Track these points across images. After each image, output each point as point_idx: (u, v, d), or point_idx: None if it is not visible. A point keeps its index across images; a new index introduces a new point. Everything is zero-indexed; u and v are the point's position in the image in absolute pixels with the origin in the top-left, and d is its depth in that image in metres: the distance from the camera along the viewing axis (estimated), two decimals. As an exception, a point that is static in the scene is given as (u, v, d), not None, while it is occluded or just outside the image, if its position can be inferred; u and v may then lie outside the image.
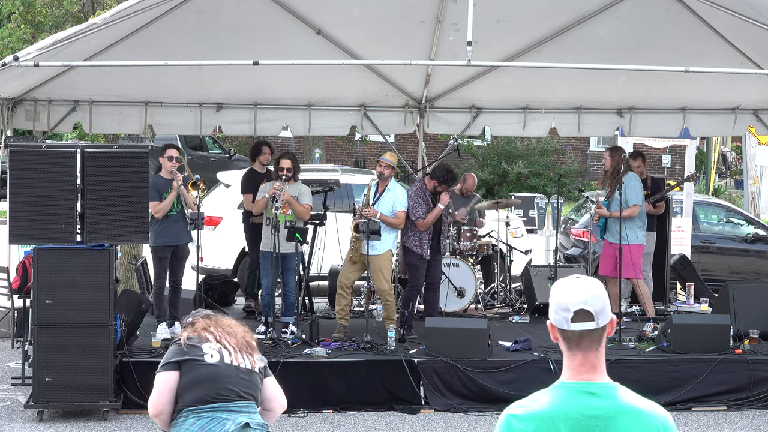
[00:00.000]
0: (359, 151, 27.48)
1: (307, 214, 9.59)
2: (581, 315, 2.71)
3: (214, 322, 4.53)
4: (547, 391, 2.76)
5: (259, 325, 9.72)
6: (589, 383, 2.72)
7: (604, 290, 2.78)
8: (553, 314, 2.76)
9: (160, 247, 9.38)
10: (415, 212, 9.67)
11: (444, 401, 8.51)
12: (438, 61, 10.08)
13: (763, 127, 11.90)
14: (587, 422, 2.68)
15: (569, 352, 2.75)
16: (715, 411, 8.62)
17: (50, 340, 7.96)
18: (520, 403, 2.76)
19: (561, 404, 2.71)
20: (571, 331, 2.72)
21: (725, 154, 29.01)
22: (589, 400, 2.70)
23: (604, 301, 2.74)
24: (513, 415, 2.73)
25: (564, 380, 2.76)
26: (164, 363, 4.42)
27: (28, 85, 9.98)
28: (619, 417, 2.68)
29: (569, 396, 2.72)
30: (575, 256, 13.82)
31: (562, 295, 2.74)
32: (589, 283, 2.76)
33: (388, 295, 9.58)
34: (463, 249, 11.21)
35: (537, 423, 2.69)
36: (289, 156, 9.67)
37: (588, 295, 2.72)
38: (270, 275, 9.55)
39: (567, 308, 2.72)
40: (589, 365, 2.74)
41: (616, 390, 2.73)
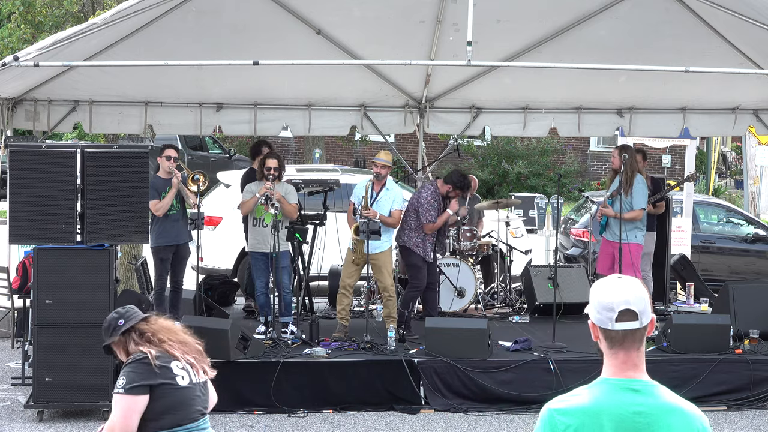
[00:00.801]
0: (359, 151, 27.48)
1: (295, 213, 9.60)
2: (626, 315, 2.73)
3: (166, 330, 4.27)
4: (590, 387, 2.77)
5: (259, 325, 9.72)
6: (632, 380, 2.75)
7: (646, 290, 2.80)
8: (595, 314, 2.77)
9: (161, 247, 9.38)
10: (428, 215, 9.71)
11: (444, 401, 8.51)
12: (438, 61, 10.08)
13: (763, 127, 11.90)
14: (631, 418, 2.69)
15: (611, 350, 2.77)
16: (715, 411, 8.61)
17: (50, 340, 7.97)
18: (563, 398, 2.77)
19: (605, 399, 2.72)
20: (615, 330, 2.74)
21: (725, 154, 29.01)
22: (632, 396, 2.72)
23: (646, 301, 2.77)
24: (556, 410, 2.74)
25: (607, 376, 2.78)
26: (135, 385, 4.10)
27: (28, 85, 9.98)
28: (662, 415, 2.70)
29: (613, 391, 2.73)
30: (575, 256, 13.82)
31: (605, 295, 2.76)
32: (631, 283, 2.78)
33: (390, 291, 9.58)
34: (463, 249, 11.21)
35: (581, 417, 2.70)
36: (274, 156, 9.68)
37: (632, 295, 2.75)
38: (264, 275, 9.55)
39: (611, 308, 2.73)
40: (631, 363, 2.76)
41: (658, 388, 2.76)
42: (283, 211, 9.38)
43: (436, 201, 9.80)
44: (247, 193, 9.66)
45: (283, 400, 8.38)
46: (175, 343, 4.22)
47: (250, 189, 9.62)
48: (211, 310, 9.92)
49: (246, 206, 9.61)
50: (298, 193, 9.95)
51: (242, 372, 8.47)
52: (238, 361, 8.46)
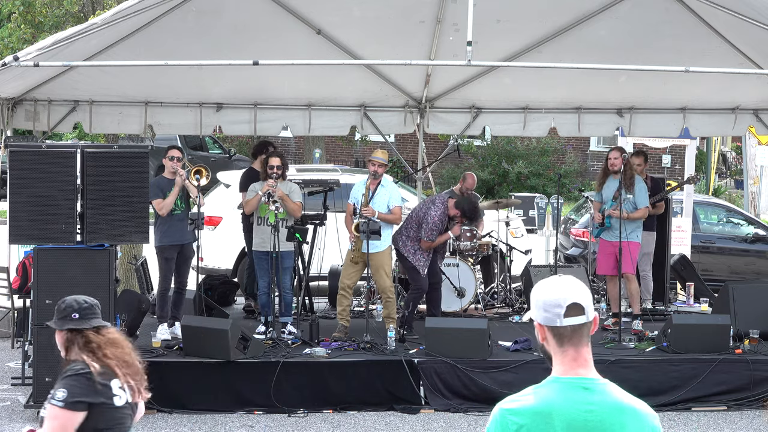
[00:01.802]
0: (359, 151, 27.47)
1: (299, 212, 9.60)
2: (573, 309, 2.72)
3: (113, 345, 4.10)
4: (541, 386, 2.75)
5: (259, 325, 9.71)
6: (583, 378, 2.72)
7: (586, 286, 2.79)
8: (541, 313, 2.76)
9: (166, 246, 9.37)
10: (430, 234, 9.73)
11: (444, 401, 8.51)
12: (438, 61, 10.08)
13: (763, 127, 11.89)
14: (583, 417, 2.68)
15: (561, 348, 2.75)
16: (715, 411, 8.61)
17: (50, 340, 7.89)
18: (514, 398, 2.75)
19: (556, 398, 2.70)
20: (564, 327, 2.72)
21: (725, 154, 29.00)
22: (583, 395, 2.70)
23: (589, 297, 2.77)
24: (507, 410, 2.72)
25: (558, 375, 2.75)
26: (76, 400, 3.97)
27: (28, 85, 9.98)
28: (614, 414, 2.68)
29: (564, 390, 2.71)
30: (575, 256, 13.82)
31: (550, 293, 2.75)
32: (572, 280, 2.77)
33: (389, 292, 9.58)
34: (463, 249, 11.21)
35: (532, 417, 2.68)
36: (278, 155, 9.68)
37: (576, 290, 2.74)
38: (267, 275, 9.55)
39: (558, 304, 2.72)
40: (582, 360, 2.74)
41: (609, 386, 2.74)
42: (287, 210, 9.39)
43: (442, 222, 9.81)
44: (250, 192, 9.67)
45: (283, 400, 8.38)
46: (119, 362, 4.05)
47: (253, 188, 9.63)
48: (211, 310, 9.92)
49: (249, 205, 9.63)
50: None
51: (242, 372, 8.47)
52: (238, 361, 8.46)
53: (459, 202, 9.96)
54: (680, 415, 8.49)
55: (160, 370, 8.47)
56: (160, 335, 9.26)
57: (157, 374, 8.36)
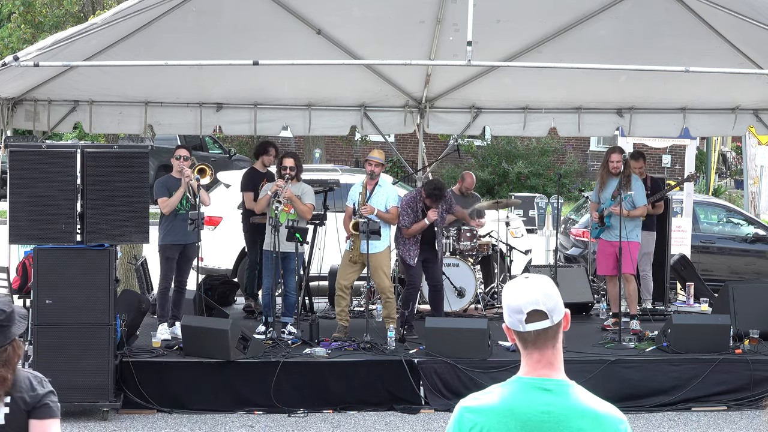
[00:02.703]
0: (359, 151, 27.46)
1: (309, 213, 9.60)
2: (535, 315, 2.69)
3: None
4: (503, 385, 2.75)
5: (259, 325, 9.72)
6: (544, 379, 2.71)
7: (555, 287, 2.76)
8: (507, 317, 2.75)
9: (168, 245, 9.38)
10: (401, 220, 9.70)
11: (444, 401, 8.51)
12: (438, 61, 10.08)
13: (763, 127, 11.89)
14: (539, 417, 2.66)
15: (526, 351, 2.74)
16: (715, 411, 8.61)
17: (50, 340, 7.96)
18: (475, 396, 2.75)
19: (514, 398, 2.70)
20: (527, 332, 2.71)
21: (725, 154, 29.00)
22: (542, 396, 2.69)
23: (555, 299, 2.73)
24: (466, 408, 2.72)
25: (521, 375, 2.75)
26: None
27: (28, 85, 9.98)
28: (572, 416, 2.66)
29: (523, 391, 2.71)
30: (575, 256, 13.82)
31: (513, 298, 2.73)
32: (539, 282, 2.74)
33: (388, 293, 9.58)
34: (463, 249, 11.21)
35: (488, 416, 2.68)
36: (292, 155, 9.70)
37: (539, 294, 2.71)
38: (271, 275, 9.55)
39: (520, 310, 2.70)
40: (545, 362, 2.72)
41: (571, 388, 2.71)
42: (297, 211, 9.41)
43: (411, 207, 9.72)
44: (263, 191, 9.73)
45: (283, 400, 8.38)
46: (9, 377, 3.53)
47: (267, 188, 9.68)
48: (211, 310, 9.92)
49: (259, 204, 9.70)
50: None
51: (242, 372, 8.47)
52: (238, 361, 8.46)
53: (424, 185, 9.92)
54: (680, 415, 8.49)
55: (160, 370, 8.49)
56: (160, 335, 9.26)
57: (157, 374, 8.44)
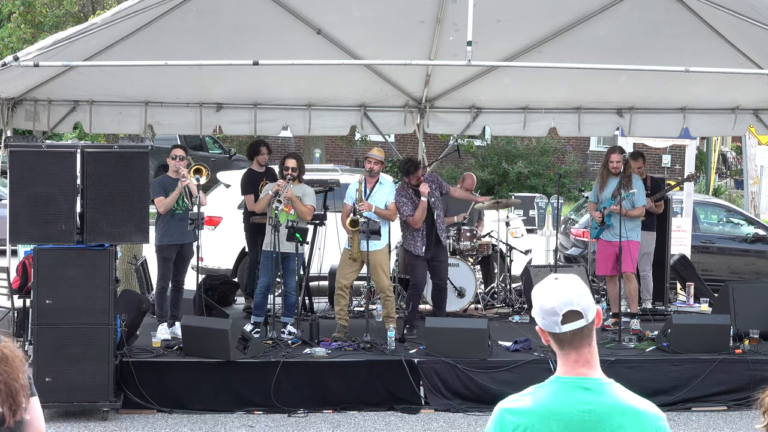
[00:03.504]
0: (359, 151, 27.46)
1: (309, 215, 9.61)
2: (570, 316, 2.70)
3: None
4: (542, 386, 2.75)
5: (247, 324, 9.66)
6: (583, 378, 2.71)
7: (585, 285, 2.77)
8: (541, 320, 2.75)
9: (165, 246, 9.38)
10: (403, 211, 9.72)
11: (444, 401, 8.51)
12: (438, 61, 10.08)
13: (763, 127, 11.89)
14: (580, 416, 2.67)
15: (562, 351, 2.75)
16: (715, 411, 8.62)
17: (50, 340, 7.96)
18: (514, 398, 2.75)
19: (554, 399, 2.70)
20: (563, 333, 2.71)
21: (725, 154, 29.00)
22: (582, 395, 2.69)
23: (588, 296, 2.74)
24: (506, 409, 2.73)
25: (559, 375, 2.75)
26: None
27: (28, 85, 9.98)
28: (613, 414, 2.67)
29: (563, 391, 2.71)
30: (575, 256, 13.82)
31: (546, 300, 2.73)
32: (570, 281, 2.74)
33: (387, 291, 9.59)
34: (463, 249, 11.21)
35: (530, 417, 2.69)
36: (294, 156, 9.70)
37: (572, 294, 2.71)
38: (268, 275, 9.56)
39: (555, 312, 2.70)
40: (583, 361, 2.73)
41: (611, 386, 2.72)
42: (297, 212, 9.41)
43: (404, 196, 9.78)
44: (264, 191, 9.74)
45: (283, 400, 8.38)
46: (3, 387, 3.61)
47: (268, 188, 9.70)
48: (211, 310, 9.92)
49: (260, 204, 9.70)
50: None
51: (242, 372, 8.47)
52: (238, 361, 8.46)
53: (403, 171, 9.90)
54: (680, 415, 8.49)
55: (160, 370, 8.49)
56: (160, 335, 9.26)
57: (157, 374, 8.44)
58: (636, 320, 9.96)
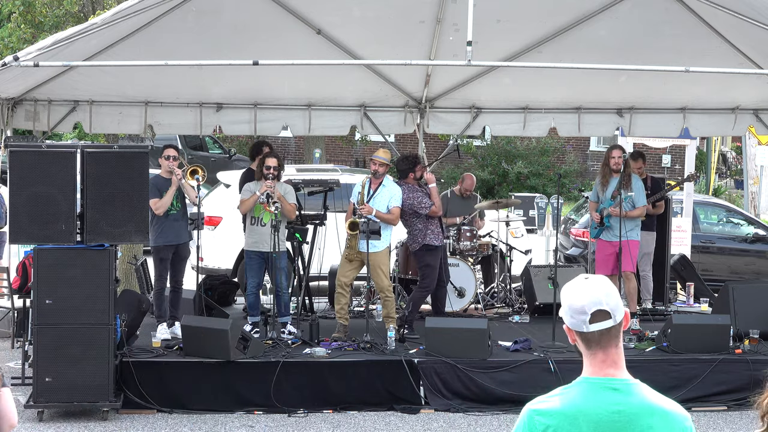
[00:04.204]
0: (359, 151, 27.47)
1: (294, 213, 9.61)
2: (599, 315, 2.71)
3: None
4: (570, 387, 2.76)
5: (245, 325, 9.64)
6: (611, 379, 2.73)
7: (614, 286, 2.78)
8: (569, 318, 2.76)
9: (161, 246, 9.37)
10: (424, 203, 9.79)
11: (444, 401, 8.51)
12: (438, 61, 10.08)
13: (763, 127, 11.90)
14: (609, 417, 2.68)
15: (589, 351, 2.76)
16: (715, 411, 8.62)
17: (50, 340, 7.96)
18: (543, 398, 2.76)
19: (583, 400, 2.71)
20: (591, 332, 2.72)
21: (725, 154, 29.00)
22: (611, 395, 2.71)
23: (617, 297, 2.75)
24: (535, 410, 2.73)
25: (587, 375, 2.76)
26: None
27: (28, 85, 9.98)
28: (642, 414, 2.69)
29: (592, 391, 2.72)
30: (575, 256, 13.82)
31: (575, 299, 2.74)
32: (599, 282, 2.76)
33: (387, 292, 9.58)
34: (463, 249, 11.21)
35: (559, 418, 2.69)
36: (274, 155, 9.68)
37: (602, 294, 2.73)
38: (257, 275, 9.55)
39: (583, 311, 2.72)
40: (610, 361, 2.75)
41: (638, 387, 2.75)
42: (282, 211, 9.39)
43: (415, 191, 9.86)
44: (245, 192, 9.65)
45: (283, 400, 8.38)
46: None
47: (249, 188, 9.62)
48: (211, 310, 9.92)
49: (245, 205, 9.61)
50: (298, 193, 9.97)
51: (242, 372, 8.47)
52: (238, 361, 8.46)
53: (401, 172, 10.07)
54: (680, 415, 8.48)
55: (160, 370, 8.49)
56: (160, 335, 9.26)
57: (157, 374, 8.44)
58: (636, 320, 9.96)
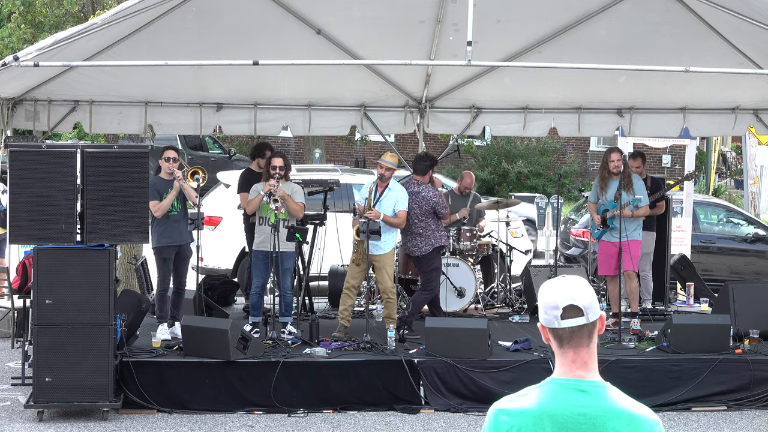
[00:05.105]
0: (359, 151, 27.47)
1: (301, 212, 9.61)
2: (571, 311, 2.69)
3: None
4: (538, 387, 2.74)
5: (246, 325, 9.63)
6: (580, 380, 2.70)
7: (591, 287, 2.77)
8: (542, 315, 2.75)
9: (163, 247, 9.37)
10: (444, 205, 10.02)
11: (444, 401, 8.51)
12: (438, 61, 10.08)
13: (763, 127, 11.90)
14: (575, 419, 2.66)
15: (561, 350, 2.73)
16: (715, 411, 8.61)
17: (50, 340, 7.96)
18: (510, 398, 2.75)
19: (550, 401, 2.69)
20: (562, 328, 2.70)
21: (725, 154, 29.00)
22: (578, 397, 2.68)
23: (591, 297, 2.73)
24: (501, 410, 2.72)
25: (556, 376, 2.74)
26: None
27: (28, 85, 9.98)
28: (608, 418, 2.65)
29: (559, 392, 2.70)
30: (575, 256, 13.82)
31: (549, 295, 2.73)
32: (575, 280, 2.75)
33: (390, 293, 9.59)
34: (463, 249, 11.21)
35: (524, 418, 2.68)
36: (280, 155, 9.68)
37: (575, 291, 2.71)
38: (262, 275, 9.55)
39: (556, 306, 2.70)
40: (581, 362, 2.72)
41: (607, 390, 2.71)
42: (288, 210, 9.40)
43: (437, 191, 10.07)
44: (252, 192, 9.68)
45: (283, 400, 8.38)
46: None
47: (256, 188, 9.64)
48: (211, 310, 9.92)
49: (251, 205, 9.63)
50: (298, 193, 9.97)
51: (242, 372, 8.47)
52: (238, 361, 8.46)
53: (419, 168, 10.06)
54: (680, 415, 8.49)
55: (160, 370, 8.49)
56: (160, 335, 9.26)
57: (157, 374, 8.44)
58: (636, 320, 9.96)
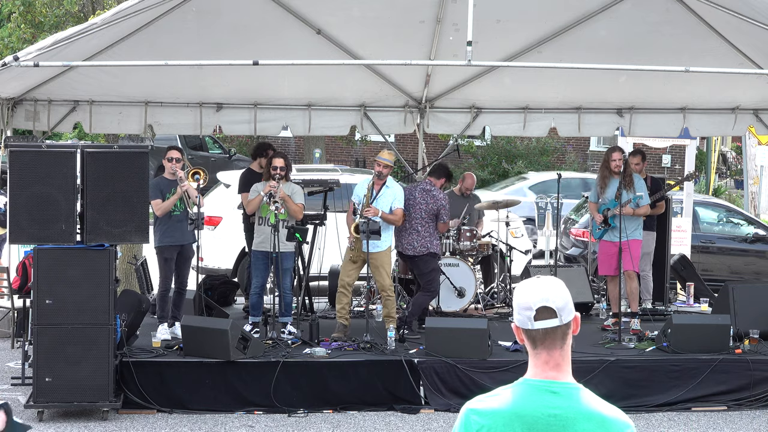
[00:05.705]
0: (359, 151, 27.47)
1: (300, 213, 9.61)
2: (544, 312, 2.68)
3: None
4: (510, 387, 2.73)
5: (246, 325, 9.63)
6: (552, 382, 2.69)
7: (566, 288, 2.75)
8: (516, 315, 2.74)
9: (165, 247, 9.37)
10: (448, 214, 10.05)
11: (444, 401, 8.52)
12: (438, 61, 10.08)
13: (763, 127, 11.90)
14: (545, 420, 2.65)
15: (534, 351, 2.72)
16: (715, 411, 8.61)
17: (50, 340, 7.96)
18: (482, 397, 2.75)
19: (520, 401, 2.69)
20: (535, 329, 2.69)
21: (725, 154, 29.00)
22: (549, 398, 2.67)
23: (566, 299, 2.71)
24: (472, 410, 2.73)
25: (528, 377, 2.73)
26: None
27: (28, 85, 9.98)
28: (578, 420, 2.64)
29: (530, 393, 2.69)
30: (575, 256, 13.82)
31: (523, 296, 2.72)
32: (550, 281, 2.73)
33: (389, 291, 9.59)
34: (463, 249, 11.21)
35: (495, 418, 2.67)
36: (281, 155, 9.68)
37: (549, 292, 2.69)
38: (262, 275, 9.55)
39: (529, 307, 2.69)
40: (553, 363, 2.70)
41: (579, 392, 2.70)
42: (288, 211, 9.40)
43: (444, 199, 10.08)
44: (253, 192, 9.67)
45: (283, 400, 8.38)
46: None
47: (256, 188, 9.64)
48: (211, 310, 9.92)
49: (251, 205, 9.63)
50: (298, 193, 9.97)
51: (242, 372, 8.47)
52: (238, 361, 8.46)
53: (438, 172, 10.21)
54: (680, 415, 8.49)
55: (160, 370, 8.49)
56: (160, 335, 9.26)
57: (157, 374, 8.44)
58: (636, 320, 9.95)
